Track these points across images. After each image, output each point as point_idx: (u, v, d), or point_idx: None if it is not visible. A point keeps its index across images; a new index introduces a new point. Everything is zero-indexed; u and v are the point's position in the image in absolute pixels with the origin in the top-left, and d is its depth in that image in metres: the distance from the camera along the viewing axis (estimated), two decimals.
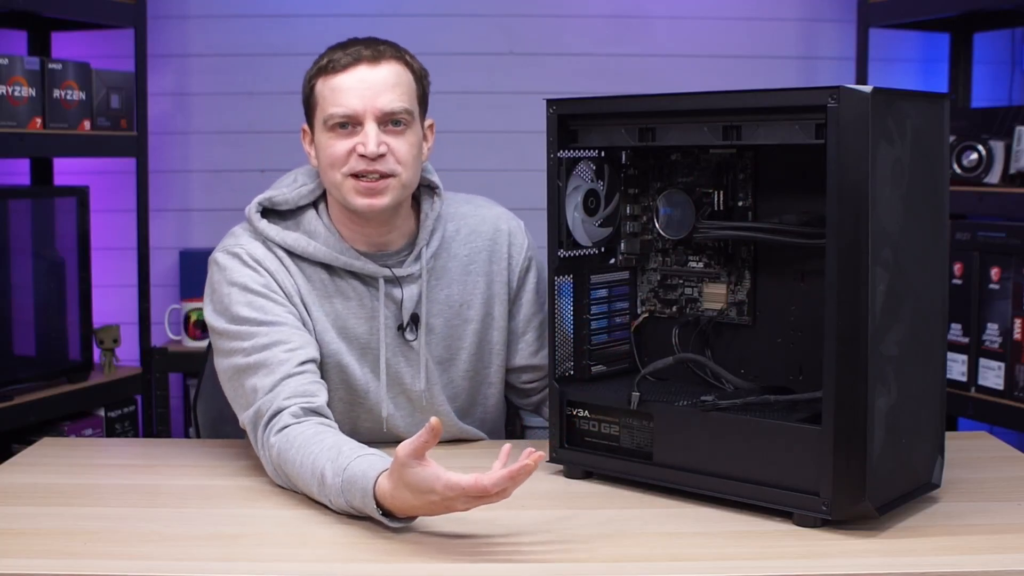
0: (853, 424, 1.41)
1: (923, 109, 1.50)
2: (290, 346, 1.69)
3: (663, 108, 1.59)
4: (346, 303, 1.79)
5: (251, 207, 1.79)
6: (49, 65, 2.65)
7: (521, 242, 1.92)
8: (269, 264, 1.76)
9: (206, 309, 1.77)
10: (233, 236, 1.80)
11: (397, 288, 1.81)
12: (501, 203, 1.97)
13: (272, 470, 1.63)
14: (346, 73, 1.72)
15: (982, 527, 1.46)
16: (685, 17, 3.37)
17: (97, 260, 2.93)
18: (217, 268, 1.77)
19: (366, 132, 1.71)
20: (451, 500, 1.38)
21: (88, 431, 2.82)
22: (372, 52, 1.73)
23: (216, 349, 1.76)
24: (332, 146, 1.73)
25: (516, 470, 1.36)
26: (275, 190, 1.81)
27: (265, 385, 1.66)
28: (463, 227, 1.88)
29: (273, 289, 1.74)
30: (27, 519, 1.51)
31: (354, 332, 1.80)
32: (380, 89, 1.72)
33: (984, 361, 2.55)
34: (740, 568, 1.34)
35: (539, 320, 1.93)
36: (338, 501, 1.49)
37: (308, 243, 1.77)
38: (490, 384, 1.91)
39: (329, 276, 1.79)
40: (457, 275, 1.86)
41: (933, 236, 1.53)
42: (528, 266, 1.92)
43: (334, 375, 1.79)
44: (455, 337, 1.86)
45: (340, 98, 1.71)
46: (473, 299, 1.87)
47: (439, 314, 1.84)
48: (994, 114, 2.75)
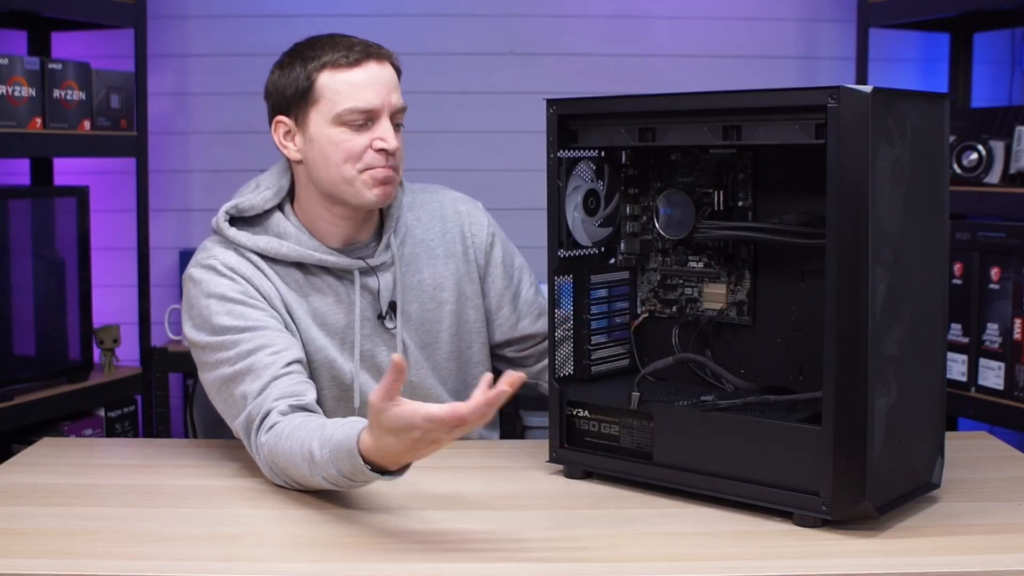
0: (853, 424, 1.41)
1: (923, 109, 1.50)
2: (274, 349, 1.69)
3: (663, 108, 1.59)
4: (323, 298, 1.80)
5: (218, 217, 1.79)
6: (49, 65, 2.65)
7: (481, 220, 1.94)
8: (244, 270, 1.76)
9: (185, 326, 1.76)
10: (204, 250, 1.79)
11: (372, 277, 1.82)
12: (501, 203, 1.98)
13: (268, 470, 1.63)
14: (360, 68, 1.72)
15: (982, 527, 1.46)
16: (685, 17, 3.37)
17: (97, 260, 2.92)
18: (193, 283, 1.76)
19: (384, 127, 1.72)
20: (432, 432, 1.35)
21: (88, 431, 2.82)
22: (375, 49, 1.75)
23: (201, 364, 1.75)
24: (348, 141, 1.72)
25: (493, 396, 1.31)
26: (240, 197, 1.81)
27: (254, 390, 1.65)
28: (424, 214, 1.91)
29: (251, 295, 1.74)
30: (27, 519, 1.51)
31: (335, 326, 1.80)
32: (392, 86, 1.74)
33: (984, 361, 2.55)
34: (740, 568, 1.34)
35: (511, 293, 1.95)
36: (331, 473, 1.48)
37: (280, 244, 1.77)
38: (476, 363, 1.92)
39: (303, 275, 1.79)
40: (425, 260, 1.88)
41: (933, 236, 1.53)
42: (492, 242, 1.94)
43: (323, 371, 1.79)
44: (433, 320, 1.88)
45: (360, 93, 1.71)
46: (445, 281, 1.89)
47: (414, 299, 1.86)
48: (994, 114, 2.75)
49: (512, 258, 1.97)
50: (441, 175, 1.89)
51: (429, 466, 1.73)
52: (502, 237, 1.97)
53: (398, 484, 1.65)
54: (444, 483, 1.65)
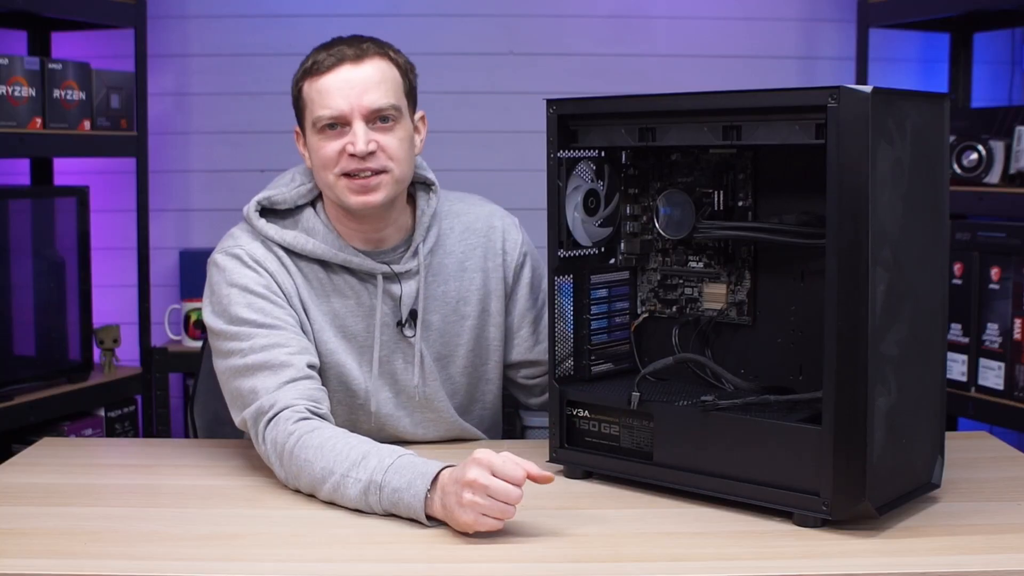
0: (853, 424, 1.41)
1: (923, 109, 1.50)
2: (290, 349, 1.69)
3: (663, 108, 1.59)
4: (344, 301, 1.79)
5: (249, 207, 1.79)
6: (49, 65, 2.65)
7: (516, 238, 1.92)
8: (269, 265, 1.76)
9: (205, 310, 1.77)
10: (232, 237, 1.79)
11: (395, 284, 1.81)
12: (501, 203, 1.97)
13: (277, 463, 1.62)
14: (331, 74, 1.72)
15: (982, 527, 1.46)
16: (685, 17, 3.37)
17: (97, 260, 2.93)
18: (217, 269, 1.76)
19: (355, 131, 1.71)
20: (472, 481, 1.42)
21: (88, 431, 2.82)
22: (355, 51, 1.73)
23: (214, 350, 1.76)
24: (323, 148, 1.73)
25: (537, 474, 1.43)
26: (273, 189, 1.81)
27: (268, 386, 1.65)
28: (457, 224, 1.89)
29: (273, 291, 1.74)
30: (27, 519, 1.51)
31: (352, 331, 1.80)
32: (365, 87, 1.72)
33: (984, 361, 2.55)
34: (740, 568, 1.34)
35: (533, 315, 1.93)
36: (369, 501, 1.51)
37: (307, 240, 1.77)
38: (488, 381, 1.92)
39: (327, 274, 1.79)
40: (453, 272, 1.86)
41: (933, 236, 1.53)
42: (523, 262, 1.92)
43: (332, 376, 1.79)
44: (452, 334, 1.86)
45: (327, 100, 1.71)
46: (469, 295, 1.87)
47: (436, 311, 1.85)
48: (994, 114, 2.75)
49: (541, 280, 1.93)
50: (441, 175, 1.88)
51: None
52: (534, 257, 1.94)
53: None
54: None
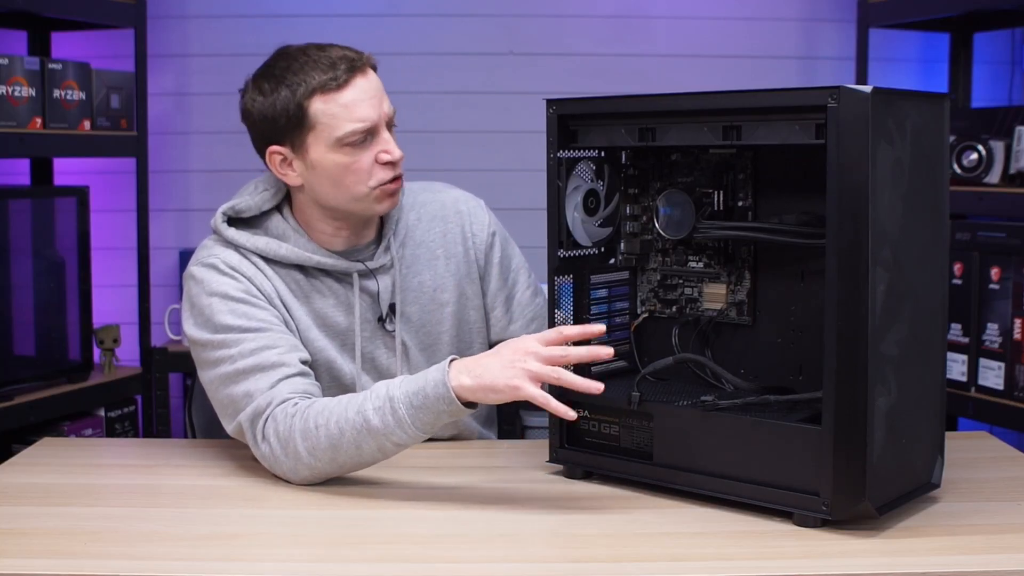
0: (853, 424, 1.41)
1: (923, 109, 1.50)
2: (280, 350, 1.69)
3: (663, 108, 1.59)
4: (324, 300, 1.80)
5: (216, 218, 1.79)
6: (49, 65, 2.65)
7: (483, 219, 1.93)
8: (246, 270, 1.75)
9: (186, 324, 1.75)
10: (205, 248, 1.79)
11: (371, 280, 1.81)
12: (501, 203, 1.97)
13: (283, 450, 1.61)
14: (350, 87, 1.71)
15: (982, 527, 1.46)
16: (685, 17, 3.37)
17: (97, 260, 2.93)
18: (194, 282, 1.76)
19: (385, 139, 1.73)
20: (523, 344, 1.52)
21: (88, 431, 2.82)
22: (357, 61, 1.73)
23: (201, 362, 1.74)
24: (355, 161, 1.71)
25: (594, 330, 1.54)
26: (238, 198, 1.81)
27: (261, 387, 1.65)
28: (424, 214, 1.90)
29: (254, 294, 1.74)
30: (27, 519, 1.51)
31: (337, 326, 1.81)
32: (380, 94, 1.74)
33: (984, 361, 2.55)
34: (740, 568, 1.34)
35: (505, 294, 1.94)
36: (396, 417, 1.55)
37: (279, 246, 1.77)
38: None
39: (304, 276, 1.80)
40: (426, 262, 1.88)
41: (933, 236, 1.53)
42: (491, 242, 1.93)
43: (323, 372, 1.79)
44: (434, 323, 1.87)
45: (355, 113, 1.70)
46: (445, 282, 1.88)
47: (414, 301, 1.86)
48: (994, 114, 2.75)
49: (510, 259, 1.96)
50: (441, 175, 1.89)
51: (429, 466, 1.73)
52: (503, 236, 1.96)
53: (398, 484, 1.65)
54: (444, 483, 1.65)
